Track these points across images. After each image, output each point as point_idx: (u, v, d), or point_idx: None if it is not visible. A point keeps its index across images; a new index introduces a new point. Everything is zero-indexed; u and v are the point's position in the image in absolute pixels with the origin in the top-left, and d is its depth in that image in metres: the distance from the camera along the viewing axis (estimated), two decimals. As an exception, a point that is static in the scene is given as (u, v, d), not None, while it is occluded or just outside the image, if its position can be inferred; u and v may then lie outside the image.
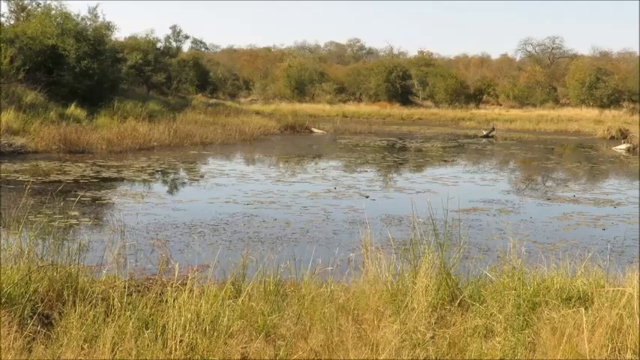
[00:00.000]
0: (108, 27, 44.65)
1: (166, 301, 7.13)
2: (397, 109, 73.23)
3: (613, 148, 42.35)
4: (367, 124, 57.87)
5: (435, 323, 7.35)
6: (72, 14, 41.97)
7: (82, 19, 42.75)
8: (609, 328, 6.79)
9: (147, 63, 58.62)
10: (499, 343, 6.85)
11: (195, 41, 79.20)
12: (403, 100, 79.56)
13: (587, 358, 6.28)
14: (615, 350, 6.55)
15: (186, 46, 73.50)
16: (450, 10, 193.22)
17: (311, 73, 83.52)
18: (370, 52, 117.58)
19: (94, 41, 41.20)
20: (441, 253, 8.55)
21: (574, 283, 8.38)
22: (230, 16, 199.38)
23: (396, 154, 37.07)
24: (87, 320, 6.71)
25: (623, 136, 44.82)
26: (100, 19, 44.11)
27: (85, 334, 6.49)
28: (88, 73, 39.20)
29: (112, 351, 6.22)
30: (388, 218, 16.86)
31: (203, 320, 6.75)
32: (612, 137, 47.73)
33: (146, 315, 6.99)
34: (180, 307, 6.81)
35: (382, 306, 7.48)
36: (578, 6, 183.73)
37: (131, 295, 7.72)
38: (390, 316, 7.14)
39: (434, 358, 6.56)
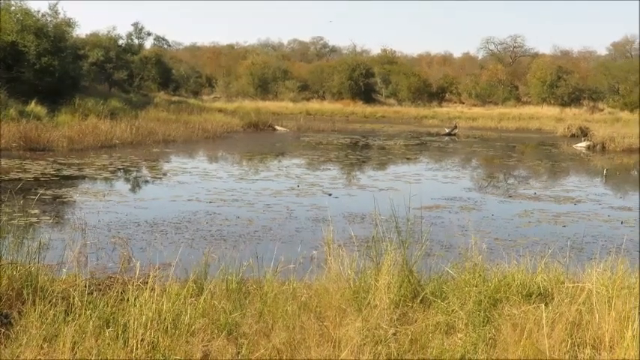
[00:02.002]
0: (69, 24, 44.18)
1: (128, 299, 7.07)
2: (360, 107, 73.36)
3: (573, 145, 42.79)
4: (330, 122, 57.91)
5: (397, 320, 7.37)
6: (32, 11, 41.47)
7: (43, 15, 42.26)
8: (569, 323, 6.86)
9: (108, 60, 58.15)
10: (460, 340, 6.90)
11: (157, 38, 78.50)
12: (366, 98, 79.68)
13: (547, 353, 6.34)
14: (575, 345, 6.62)
15: (148, 43, 72.89)
16: (412, 8, 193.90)
17: (274, 71, 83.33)
18: (333, 50, 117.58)
19: (55, 38, 40.76)
20: (404, 251, 8.59)
21: (534, 279, 8.46)
22: (193, 13, 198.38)
23: (359, 151, 37.14)
24: (47, 319, 6.64)
25: (584, 134, 45.29)
26: (61, 16, 43.60)
27: (44, 334, 6.43)
28: (48, 70, 38.81)
29: (73, 350, 6.16)
30: (351, 216, 16.89)
31: (165, 319, 6.72)
32: (573, 135, 48.22)
33: (107, 314, 6.94)
34: (141, 306, 6.77)
35: (344, 303, 7.49)
36: (540, 5, 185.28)
37: (92, 293, 7.66)
38: (352, 314, 7.15)
39: (396, 354, 6.58)
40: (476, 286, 8.06)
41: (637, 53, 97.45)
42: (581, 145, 42.14)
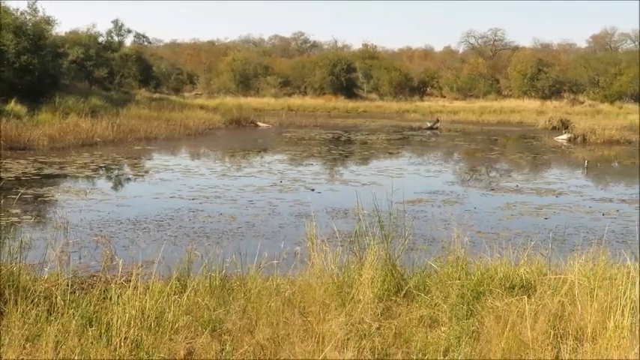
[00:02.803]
0: (48, 22, 43.90)
1: (110, 298, 7.05)
2: (342, 102, 73.36)
3: (555, 138, 42.97)
4: (312, 117, 57.88)
5: (380, 314, 7.39)
6: (11, 9, 41.21)
7: (22, 13, 42.02)
8: (551, 315, 6.90)
9: (88, 58, 57.85)
10: (444, 333, 6.91)
11: (137, 35, 77.99)
12: (348, 93, 79.64)
13: (530, 345, 6.37)
14: (557, 337, 6.65)
15: (128, 41, 72.43)
16: (393, 3, 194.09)
17: (255, 67, 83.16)
18: (314, 45, 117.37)
19: (34, 36, 40.52)
20: (387, 245, 8.61)
21: (517, 271, 8.51)
22: (173, 9, 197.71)
23: (342, 146, 37.14)
24: (29, 319, 6.62)
25: (565, 126, 45.46)
26: (40, 14, 43.34)
27: (27, 333, 6.40)
28: (28, 69, 38.59)
29: (55, 349, 6.14)
30: (334, 211, 16.90)
31: (148, 317, 6.71)
32: (554, 128, 48.39)
33: (90, 312, 6.92)
34: (124, 304, 6.75)
35: (328, 298, 7.50)
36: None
37: (74, 292, 7.64)
38: (336, 309, 7.16)
39: (380, 348, 6.59)
40: (459, 280, 8.10)
41: (616, 45, 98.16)
42: (562, 138, 42.32)
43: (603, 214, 17.35)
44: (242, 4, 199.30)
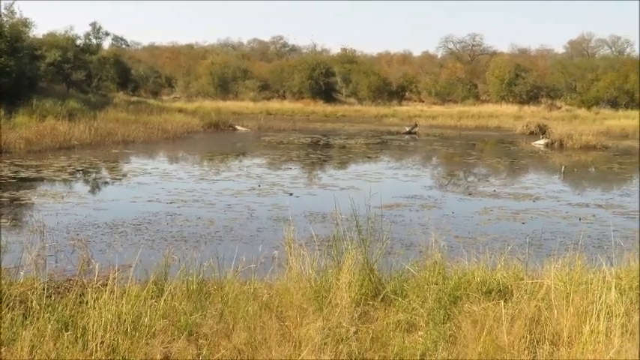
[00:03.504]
0: (25, 24, 43.58)
1: (87, 302, 7.01)
2: (321, 107, 73.33)
3: (532, 143, 43.17)
4: (291, 121, 57.86)
5: (358, 319, 7.40)
6: (-13, 11, 40.94)
7: (-2, 15, 41.71)
8: (528, 319, 6.93)
9: (66, 60, 57.53)
10: (421, 337, 6.93)
11: (115, 38, 77.76)
12: (327, 98, 79.68)
13: (507, 350, 6.39)
14: (534, 341, 6.69)
15: (106, 43, 72.18)
16: (372, 8, 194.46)
17: (234, 71, 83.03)
18: (293, 49, 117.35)
19: (11, 38, 40.18)
20: (364, 249, 8.62)
21: (494, 276, 8.54)
22: (151, 12, 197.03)
23: (320, 151, 37.16)
24: (4, 323, 6.58)
25: (542, 131, 45.72)
26: (17, 16, 43.03)
27: (2, 338, 6.36)
28: (4, 71, 38.25)
29: (31, 353, 6.10)
30: (312, 215, 16.91)
31: (124, 321, 6.67)
32: (531, 133, 48.65)
33: (66, 317, 6.88)
34: (100, 308, 6.72)
35: (306, 303, 7.50)
36: (498, 4, 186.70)
37: (50, 296, 7.58)
38: (313, 313, 7.16)
39: (357, 353, 6.59)
40: (436, 284, 8.12)
41: (593, 51, 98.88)
42: (540, 143, 42.53)
43: (580, 219, 17.46)
44: (221, 7, 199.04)
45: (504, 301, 7.31)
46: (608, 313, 6.77)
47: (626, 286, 8.18)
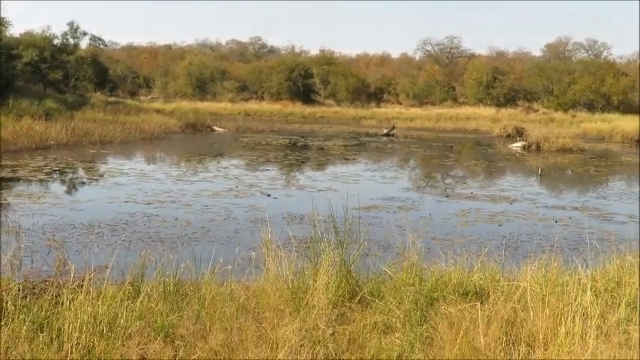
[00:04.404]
0: (1, 23, 43.37)
1: (62, 303, 6.97)
2: (299, 108, 73.28)
3: (509, 145, 43.40)
4: (269, 122, 57.89)
5: (335, 320, 7.41)
6: (-37, 10, 40.65)
7: (-26, 14, 41.46)
8: (504, 321, 6.97)
9: (43, 60, 57.23)
10: (397, 339, 6.94)
11: (93, 38, 77.60)
12: (305, 99, 79.69)
13: (483, 351, 6.41)
14: (509, 343, 6.72)
15: (84, 43, 71.92)
16: (350, 9, 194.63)
17: (212, 71, 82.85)
18: (272, 50, 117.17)
19: (-13, 37, 40.01)
20: (342, 251, 8.63)
21: (471, 278, 8.58)
22: (129, 12, 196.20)
23: (298, 152, 37.15)
24: (-22, 324, 6.52)
25: (519, 134, 45.97)
26: (-7, 15, 42.81)
27: (-24, 339, 6.30)
28: (-20, 71, 38.07)
29: (6, 355, 6.06)
30: (290, 216, 16.90)
31: (100, 322, 6.64)
32: (509, 135, 48.89)
33: (41, 318, 6.84)
34: (76, 309, 6.68)
35: (283, 304, 7.49)
36: (476, 6, 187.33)
37: (26, 297, 7.52)
38: (290, 314, 7.15)
39: (334, 354, 6.59)
40: (413, 286, 8.14)
41: (570, 55, 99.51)
42: (517, 145, 42.76)
43: (556, 222, 17.56)
44: (199, 7, 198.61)
45: (481, 303, 7.34)
46: (583, 315, 6.82)
47: (601, 288, 8.24)
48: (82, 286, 7.13)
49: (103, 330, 6.56)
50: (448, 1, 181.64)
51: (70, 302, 6.84)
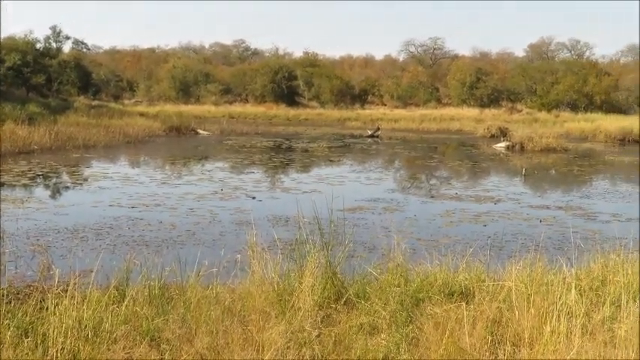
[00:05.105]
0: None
1: (47, 308, 6.93)
2: (283, 110, 73.30)
3: (493, 146, 43.53)
4: (254, 124, 57.84)
5: (321, 322, 7.40)
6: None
7: (-44, 19, 41.26)
8: (489, 321, 6.98)
9: (26, 64, 57.00)
10: (383, 340, 6.94)
11: (76, 42, 77.37)
12: (289, 101, 79.70)
13: (468, 351, 6.43)
14: (495, 343, 6.73)
15: (67, 47, 71.73)
16: (333, 11, 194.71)
17: (196, 74, 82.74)
18: (256, 52, 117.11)
19: (-31, 42, 39.82)
20: (327, 253, 8.63)
21: (456, 278, 8.60)
22: (112, 16, 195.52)
23: (283, 154, 37.13)
24: (-38, 330, 6.48)
25: (503, 134, 46.10)
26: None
27: (-40, 345, 6.27)
28: (-38, 75, 37.89)
29: (-10, 361, 6.03)
30: (275, 219, 16.88)
31: (85, 327, 6.61)
32: (492, 136, 49.03)
33: (26, 323, 6.80)
34: (61, 314, 6.65)
35: (268, 306, 7.48)
36: (459, 6, 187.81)
37: (10, 303, 7.50)
38: (276, 317, 7.14)
39: (320, 356, 6.59)
40: (398, 287, 8.15)
41: (553, 55, 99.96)
42: (501, 146, 42.88)
43: (540, 221, 17.62)
44: (182, 10, 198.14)
45: (466, 303, 7.35)
46: (568, 314, 6.84)
47: (586, 287, 8.28)
48: (67, 290, 7.10)
49: (88, 334, 6.53)
50: (431, 2, 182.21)
51: (54, 307, 6.80)
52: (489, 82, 77.95)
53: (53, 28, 63.57)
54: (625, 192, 24.09)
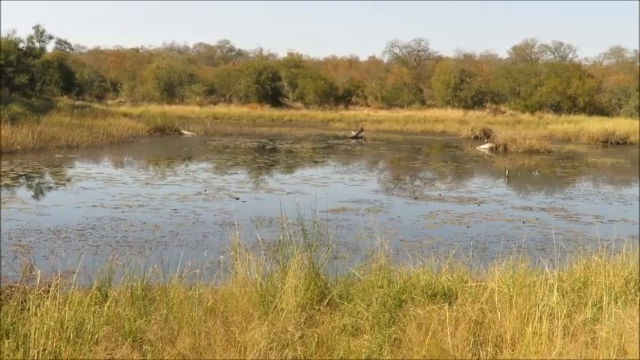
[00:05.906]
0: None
1: (28, 309, 6.90)
2: (268, 111, 73.32)
3: (477, 147, 43.64)
4: (238, 125, 57.78)
5: (304, 323, 7.40)
6: None
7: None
8: (472, 322, 7.00)
9: (8, 64, 56.73)
10: (366, 341, 6.95)
11: (59, 42, 77.10)
12: (273, 102, 79.72)
13: (451, 352, 6.44)
14: (477, 344, 6.75)
15: (50, 47, 71.49)
16: (318, 11, 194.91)
17: (180, 75, 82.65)
18: (240, 53, 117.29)
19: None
20: (310, 254, 8.63)
21: (439, 279, 8.62)
22: (96, 16, 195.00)
23: (267, 155, 37.10)
24: (-57, 331, 6.44)
25: (487, 135, 46.25)
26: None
27: (-60, 346, 6.23)
28: (-55, 75, 37.67)
29: (-30, 362, 5.99)
30: (258, 220, 16.86)
31: (67, 327, 6.59)
32: (476, 137, 49.18)
33: (7, 324, 6.76)
34: (42, 315, 6.62)
35: (251, 308, 7.48)
36: (444, 6, 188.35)
37: (-9, 303, 7.45)
38: (259, 318, 7.14)
39: (302, 357, 6.59)
40: (381, 288, 8.17)
41: (536, 57, 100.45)
42: (484, 147, 43.00)
43: (523, 223, 17.67)
44: (166, 10, 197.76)
45: (449, 304, 7.38)
46: (550, 315, 6.87)
47: (568, 288, 8.31)
48: (49, 291, 7.07)
49: (69, 335, 6.50)
50: (416, 2, 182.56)
51: (36, 308, 6.77)
52: (473, 84, 78.26)
53: (36, 27, 63.32)
54: (607, 193, 24.20)
